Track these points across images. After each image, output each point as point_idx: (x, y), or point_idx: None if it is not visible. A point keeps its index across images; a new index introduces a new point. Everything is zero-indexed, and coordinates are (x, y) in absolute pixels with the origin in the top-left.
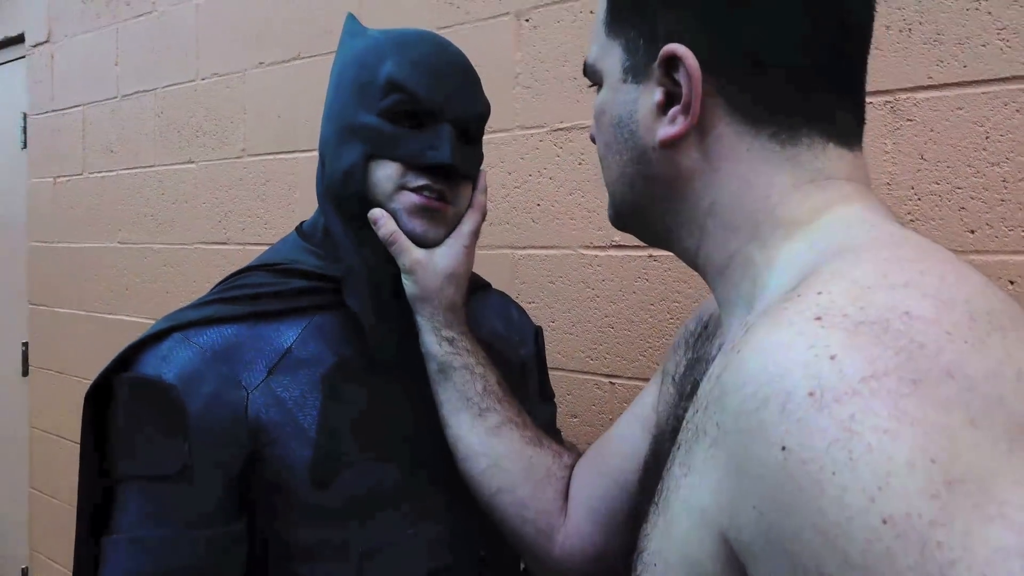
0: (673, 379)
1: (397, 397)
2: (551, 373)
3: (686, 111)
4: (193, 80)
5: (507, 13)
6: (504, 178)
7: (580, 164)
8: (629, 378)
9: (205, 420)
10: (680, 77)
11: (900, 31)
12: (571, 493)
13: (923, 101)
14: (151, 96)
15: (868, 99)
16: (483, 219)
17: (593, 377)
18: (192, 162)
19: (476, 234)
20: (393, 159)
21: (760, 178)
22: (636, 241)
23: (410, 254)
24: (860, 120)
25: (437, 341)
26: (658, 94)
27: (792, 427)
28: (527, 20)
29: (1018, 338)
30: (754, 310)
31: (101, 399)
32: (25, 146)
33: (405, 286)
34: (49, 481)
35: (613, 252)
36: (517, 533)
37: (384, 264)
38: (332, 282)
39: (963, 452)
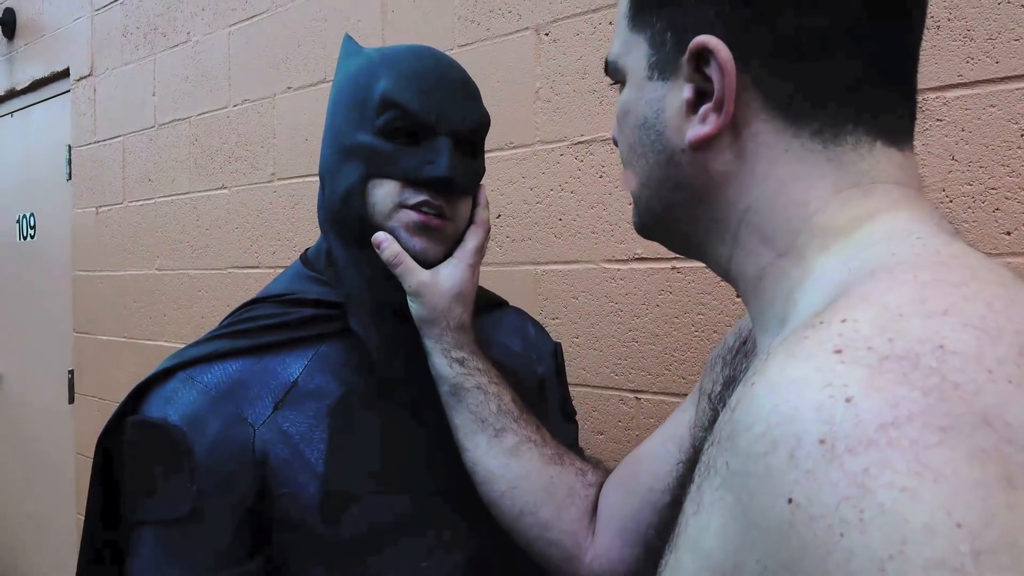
0: (710, 399)
1: (407, 425)
2: (575, 389)
3: (718, 108)
4: (225, 107)
5: (527, 28)
6: (526, 193)
7: (601, 177)
8: (655, 393)
9: (212, 460)
10: (711, 71)
11: (928, 28)
12: (599, 511)
13: (953, 100)
14: (186, 124)
15: None
16: (487, 235)
17: (618, 392)
18: (225, 188)
19: (481, 251)
20: (391, 177)
21: (798, 182)
22: (659, 254)
23: (415, 276)
24: (912, 116)
25: (447, 363)
26: (687, 91)
27: (801, 478)
28: (547, 34)
29: None
30: (783, 332)
31: (114, 441)
32: (70, 177)
33: (411, 308)
34: None
35: (636, 265)
36: (543, 555)
37: (388, 287)
38: (337, 309)
39: (997, 516)
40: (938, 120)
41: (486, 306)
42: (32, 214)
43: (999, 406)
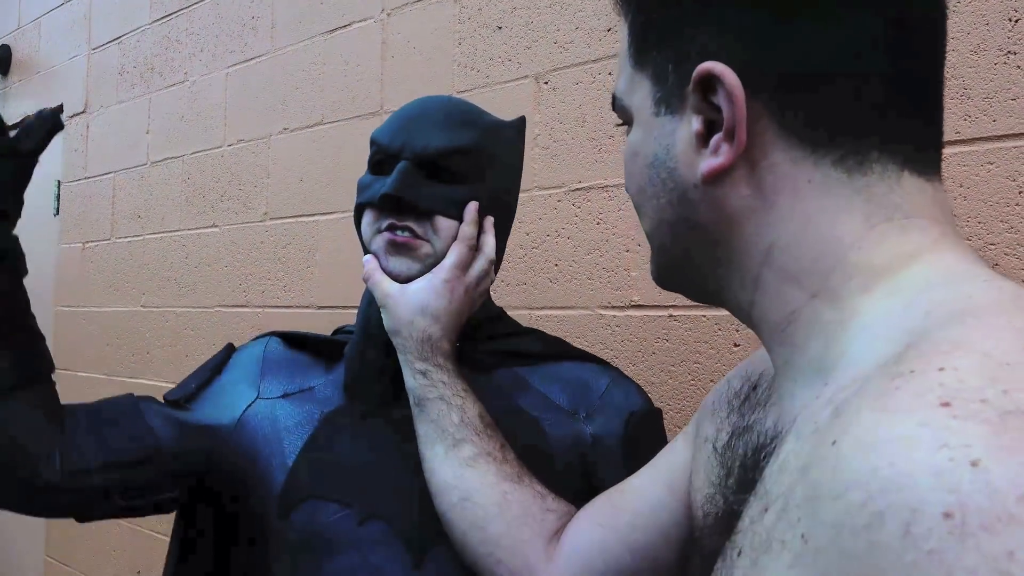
0: (715, 448)
1: (387, 449)
2: None
3: (730, 137)
4: (220, 146)
5: (526, 76)
6: (522, 238)
7: (598, 224)
8: None
9: (224, 378)
10: (719, 99)
11: None
12: (567, 540)
13: (951, 156)
14: (179, 162)
15: None
16: (468, 251)
17: None
18: (216, 226)
19: (461, 267)
20: (364, 204)
21: (826, 215)
22: (656, 301)
23: (381, 287)
24: (938, 145)
25: (411, 374)
26: (696, 123)
27: (922, 560)
28: (546, 82)
29: None
30: (832, 381)
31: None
32: (57, 212)
33: (383, 321)
34: (64, 550)
35: (632, 312)
36: (490, 573)
37: (376, 312)
38: None
39: None
40: None
41: (555, 351)
42: None
43: None
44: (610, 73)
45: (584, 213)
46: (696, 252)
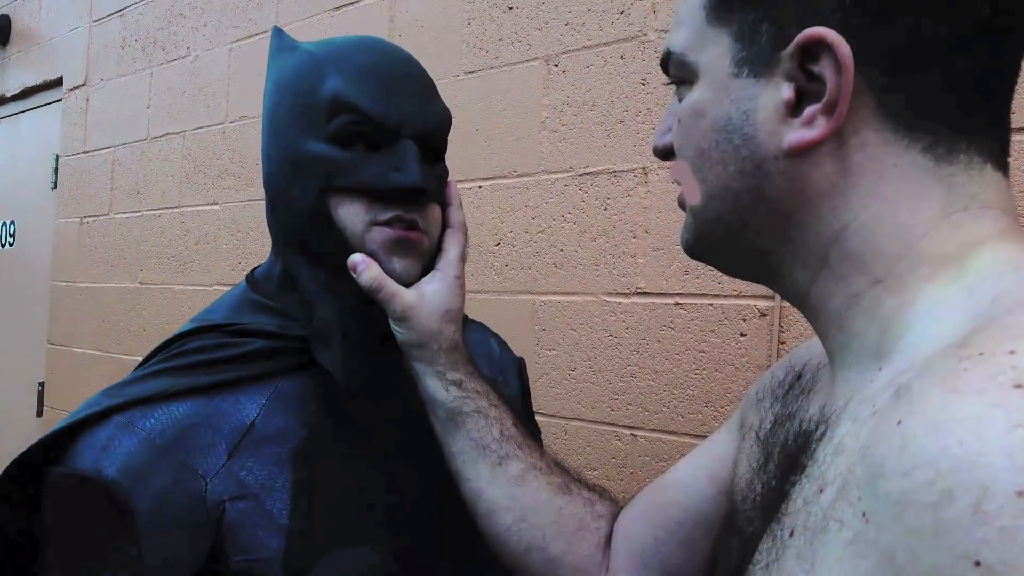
0: (757, 436)
1: (379, 471)
2: (569, 423)
3: (829, 111)
4: (222, 123)
5: (536, 58)
6: (527, 222)
7: (605, 210)
8: (652, 430)
9: (157, 520)
10: (823, 69)
11: None
12: (616, 544)
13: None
14: (180, 138)
15: None
16: (466, 238)
17: (614, 428)
18: (216, 203)
19: (463, 258)
20: (352, 189)
21: (906, 201)
22: (662, 289)
23: (400, 299)
24: (1009, 139)
25: (443, 386)
26: (787, 90)
27: (993, 537)
28: (556, 65)
29: None
30: (888, 365)
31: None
32: (55, 187)
33: (397, 335)
34: None
35: (638, 300)
36: None
37: (365, 314)
38: (297, 341)
39: None
40: None
41: None
42: (12, 222)
43: None
44: (621, 56)
45: (591, 198)
46: (757, 224)
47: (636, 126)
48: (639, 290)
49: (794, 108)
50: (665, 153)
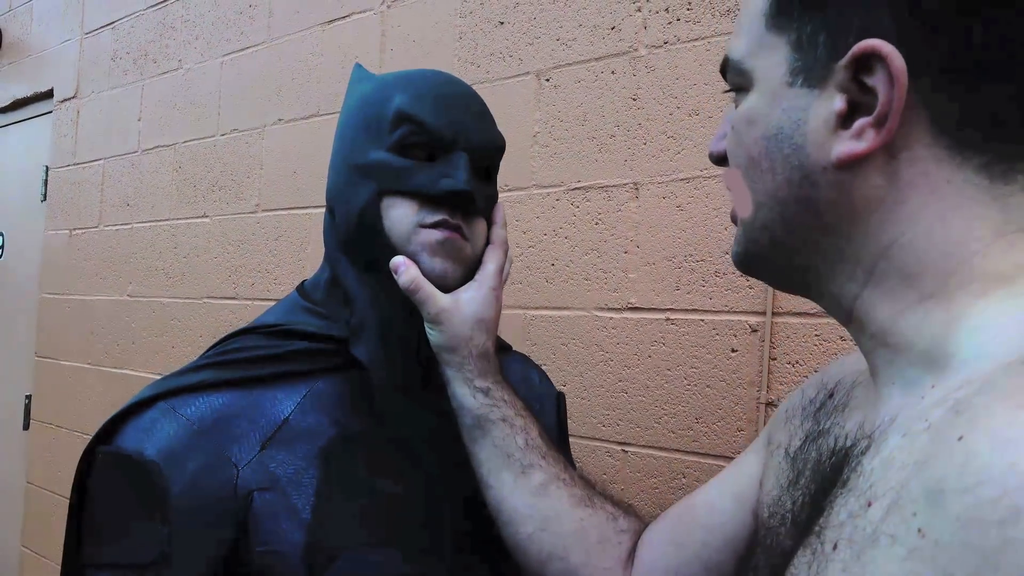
0: (787, 452)
1: (407, 473)
2: None
3: (879, 124)
4: (213, 136)
5: (528, 73)
6: (519, 237)
7: (597, 224)
8: (643, 446)
9: (188, 501)
10: (876, 81)
11: None
12: (641, 562)
13: None
14: (171, 151)
15: None
16: (506, 255)
17: (605, 444)
18: (207, 216)
19: (502, 273)
20: (405, 193)
21: (958, 220)
22: (653, 304)
23: (435, 302)
24: None
25: (471, 393)
26: (839, 101)
27: None
28: (547, 80)
29: None
30: (941, 382)
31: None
32: (45, 199)
33: (430, 336)
34: (41, 539)
35: (629, 315)
36: None
37: (403, 315)
38: (336, 343)
39: None
40: None
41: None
42: (1, 234)
43: None
44: (613, 72)
45: (582, 213)
46: (805, 236)
47: (627, 141)
48: (630, 305)
49: (845, 120)
50: (719, 159)
